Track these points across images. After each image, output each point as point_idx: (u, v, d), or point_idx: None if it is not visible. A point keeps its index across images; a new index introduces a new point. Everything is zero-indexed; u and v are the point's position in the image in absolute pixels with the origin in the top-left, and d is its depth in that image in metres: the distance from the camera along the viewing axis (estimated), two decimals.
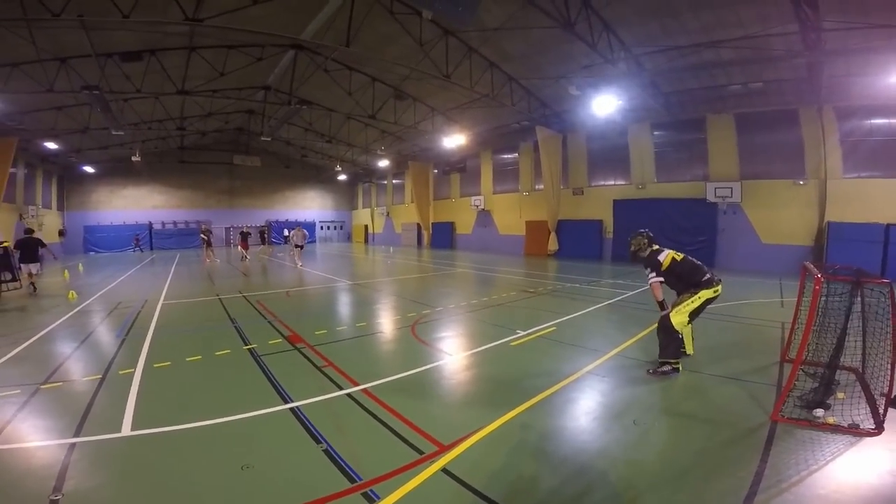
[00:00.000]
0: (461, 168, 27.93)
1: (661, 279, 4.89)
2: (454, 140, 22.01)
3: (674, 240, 18.10)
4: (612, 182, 21.02)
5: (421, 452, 3.19)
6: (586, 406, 4.13)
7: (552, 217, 21.63)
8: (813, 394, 3.76)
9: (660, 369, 4.77)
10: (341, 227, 43.66)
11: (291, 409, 3.99)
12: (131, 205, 32.30)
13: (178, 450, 3.38)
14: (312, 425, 3.66)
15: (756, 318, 7.80)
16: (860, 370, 4.19)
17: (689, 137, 18.38)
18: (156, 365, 5.32)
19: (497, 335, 6.51)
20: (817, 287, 3.37)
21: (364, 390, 4.41)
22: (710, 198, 17.13)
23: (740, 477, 2.81)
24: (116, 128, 17.76)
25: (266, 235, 33.03)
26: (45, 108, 17.38)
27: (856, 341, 3.95)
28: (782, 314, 8.07)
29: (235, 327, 7.25)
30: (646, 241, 5.16)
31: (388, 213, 37.85)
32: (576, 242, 21.44)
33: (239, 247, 20.55)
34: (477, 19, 12.94)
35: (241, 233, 20.97)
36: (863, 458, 3.03)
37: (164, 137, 27.22)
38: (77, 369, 5.25)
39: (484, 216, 27.40)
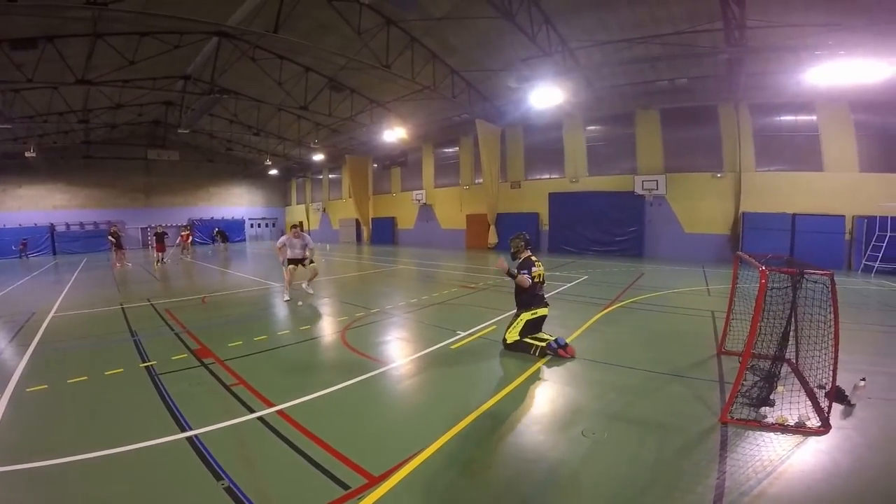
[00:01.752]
0: (402, 162, 27.30)
1: (531, 280, 5.40)
2: (394, 133, 21.39)
3: (604, 231, 18.85)
4: (547, 176, 21.41)
5: (346, 487, 2.71)
6: (531, 416, 3.81)
7: (491, 210, 21.69)
8: (758, 390, 3.69)
9: (533, 350, 5.24)
10: (273, 225, 41.35)
11: (189, 439, 3.36)
12: (28, 206, 28.45)
13: (41, 491, 2.73)
14: (213, 457, 3.07)
15: (686, 308, 8.01)
16: (795, 362, 4.22)
17: (619, 132, 19.04)
18: (29, 389, 4.45)
19: (436, 338, 6.12)
20: (763, 280, 3.26)
21: (279, 412, 3.82)
22: (638, 190, 17.87)
23: (700, 493, 2.60)
24: (1, 120, 15.40)
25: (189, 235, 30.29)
26: None
27: (791, 333, 3.95)
28: (710, 303, 8.37)
29: (135, 341, 6.31)
30: (523, 243, 5.67)
31: (324, 209, 36.36)
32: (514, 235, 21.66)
33: (154, 249, 18.70)
34: (421, 8, 12.46)
35: (156, 233, 19.03)
36: (816, 460, 2.96)
37: (66, 131, 24.14)
38: None
39: (426, 210, 27.01)
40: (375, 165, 30.48)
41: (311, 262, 9.73)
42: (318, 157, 29.75)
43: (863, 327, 6.76)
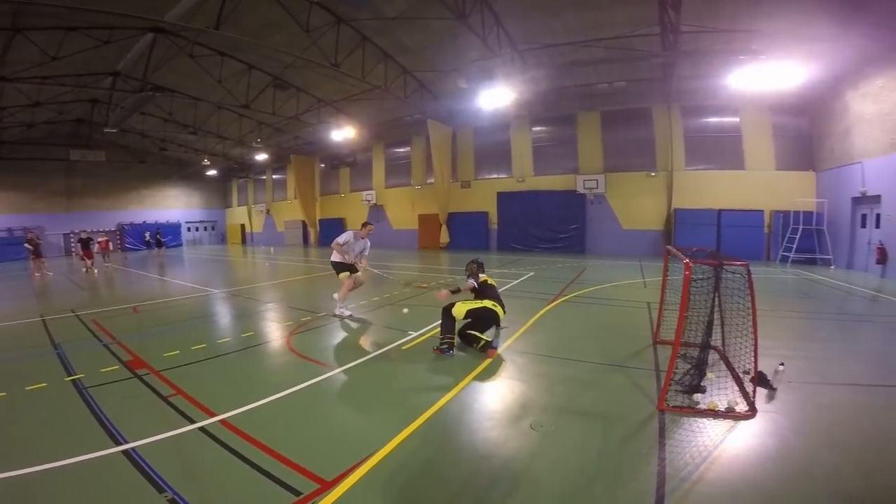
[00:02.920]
0: (351, 162, 26.79)
1: (474, 287, 5.86)
2: (343, 133, 20.97)
3: (550, 229, 19.49)
4: (496, 175, 21.82)
5: (298, 493, 2.64)
6: (482, 413, 3.86)
7: (443, 210, 21.83)
8: (690, 378, 3.93)
9: (440, 346, 5.39)
10: (213, 228, 39.28)
11: (125, 452, 3.15)
12: None
13: None
14: (154, 470, 2.89)
15: (625, 300, 8.44)
16: (722, 349, 4.55)
17: (562, 133, 19.75)
18: None
19: (387, 339, 6.06)
20: (687, 273, 3.49)
21: (222, 421, 3.64)
22: (580, 189, 18.64)
23: (643, 480, 2.74)
24: None
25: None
26: None
27: (717, 322, 4.26)
28: (646, 294, 8.87)
29: (59, 354, 5.80)
30: (475, 266, 6.14)
31: (268, 211, 35.04)
32: (465, 234, 22.02)
33: (80, 256, 17.25)
34: (374, 8, 12.27)
35: (80, 239, 17.51)
36: (746, 444, 3.15)
37: None
38: None
39: (376, 211, 26.69)
40: (323, 165, 29.78)
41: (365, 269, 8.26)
42: (262, 156, 28.66)
43: (781, 314, 7.41)
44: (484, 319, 5.59)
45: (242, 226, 37.80)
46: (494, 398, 4.19)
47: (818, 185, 15.17)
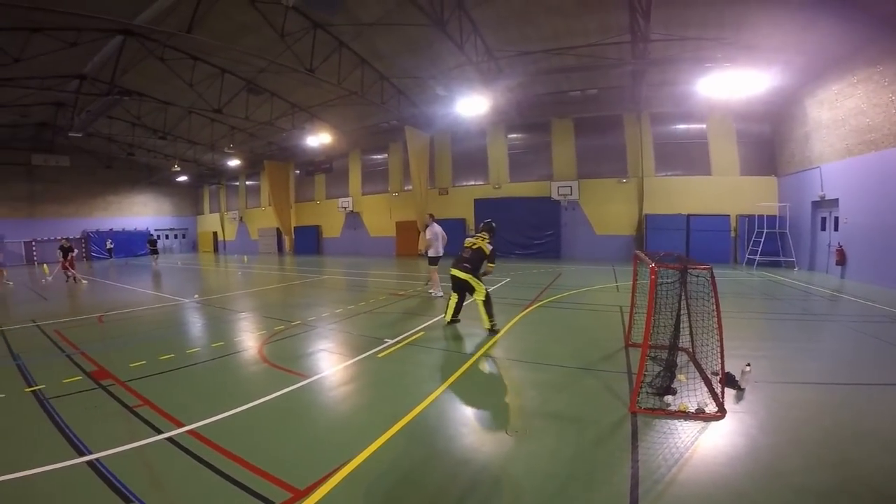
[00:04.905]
0: (327, 168, 26.56)
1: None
2: (318, 139, 20.79)
3: (525, 235, 19.69)
4: (473, 182, 21.96)
5: (270, 503, 2.59)
6: (458, 419, 3.86)
7: (421, 217, 21.73)
8: (660, 379, 4.02)
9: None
10: (184, 236, 38.23)
11: (90, 463, 3.04)
12: None
13: None
14: (119, 481, 2.81)
15: (597, 304, 8.59)
16: (691, 350, 4.67)
17: (537, 140, 20.06)
18: None
19: (363, 347, 5.99)
20: (653, 276, 3.58)
21: (191, 431, 3.54)
22: (555, 195, 18.93)
23: (617, 483, 2.77)
24: None
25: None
26: None
27: (685, 324, 4.38)
28: (619, 298, 9.06)
29: (18, 365, 5.54)
30: (482, 225, 7.02)
31: (241, 218, 34.36)
32: None
33: (63, 266, 15.97)
34: (350, 13, 12.24)
35: (62, 247, 16.23)
36: (717, 444, 3.22)
37: None
38: None
39: (353, 218, 26.49)
40: (298, 172, 29.42)
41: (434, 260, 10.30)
42: (234, 162, 28.15)
43: (747, 315, 7.68)
44: (456, 287, 6.56)
45: (215, 233, 36.93)
46: (470, 403, 4.19)
47: (780, 190, 15.82)
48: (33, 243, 28.47)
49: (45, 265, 24.87)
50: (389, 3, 11.89)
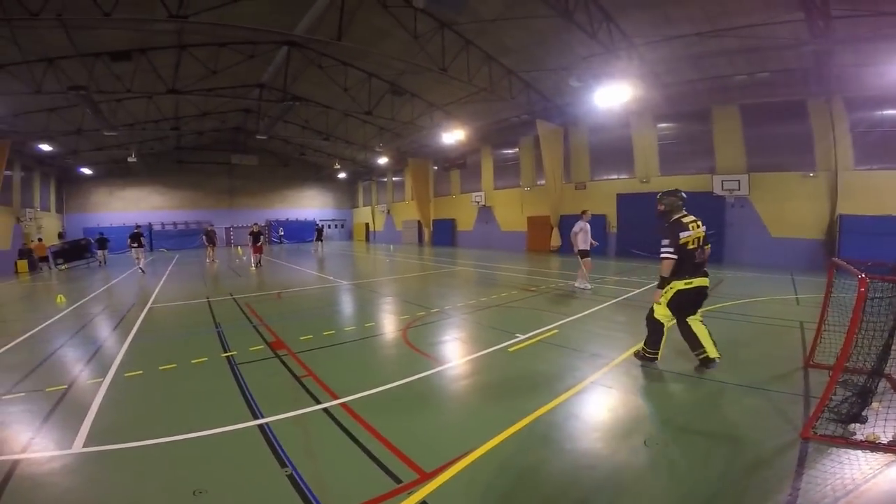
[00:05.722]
0: (461, 164, 27.48)
1: (675, 256, 4.46)
2: (453, 136, 21.59)
3: None
4: (615, 176, 20.55)
5: (399, 481, 2.78)
6: (590, 423, 3.71)
7: (554, 212, 21.20)
8: (848, 406, 3.33)
9: (644, 356, 4.82)
10: (342, 226, 43.33)
11: (260, 427, 3.60)
12: (130, 206, 32.03)
13: (129, 470, 3.02)
14: (280, 445, 3.26)
15: (771, 317, 7.35)
16: (894, 376, 3.76)
17: (693, 129, 17.88)
18: (126, 374, 4.97)
19: (494, 339, 6.10)
20: (862, 289, 2.94)
21: (343, 405, 3.99)
22: (717, 191, 16.65)
23: None
24: (108, 128, 17.56)
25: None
26: (35, 109, 17.00)
27: (894, 347, 3.52)
28: (799, 312, 7.63)
29: (218, 332, 6.89)
30: (680, 202, 4.87)
31: (388, 211, 37.49)
32: None
33: (251, 249, 17.62)
34: (473, 10, 12.54)
35: (252, 232, 17.55)
36: None
37: (161, 138, 27.05)
38: (44, 379, 4.88)
39: (485, 212, 26.97)
40: (436, 168, 30.94)
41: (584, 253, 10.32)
42: (383, 160, 30.79)
43: None
44: (691, 304, 4.53)
45: (367, 224, 41.00)
46: (605, 409, 3.99)
47: None
48: (231, 229, 35.12)
49: (239, 247, 30.57)
50: None
